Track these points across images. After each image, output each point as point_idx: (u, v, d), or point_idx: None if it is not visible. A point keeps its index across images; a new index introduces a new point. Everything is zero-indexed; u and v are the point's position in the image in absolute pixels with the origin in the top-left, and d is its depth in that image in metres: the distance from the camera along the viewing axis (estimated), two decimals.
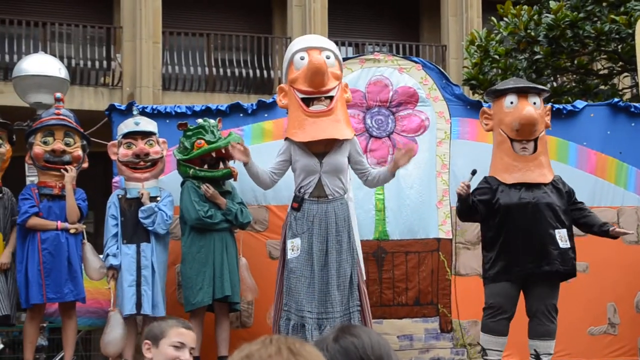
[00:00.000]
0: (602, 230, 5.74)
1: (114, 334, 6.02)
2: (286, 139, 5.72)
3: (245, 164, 5.63)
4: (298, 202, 5.51)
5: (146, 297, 6.06)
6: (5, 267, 6.07)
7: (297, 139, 5.50)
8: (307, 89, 5.49)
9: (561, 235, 5.58)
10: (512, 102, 5.77)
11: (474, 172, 5.61)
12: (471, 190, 5.64)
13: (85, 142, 6.34)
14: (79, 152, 6.26)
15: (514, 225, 5.54)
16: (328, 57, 5.62)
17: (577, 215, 5.77)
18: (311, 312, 5.35)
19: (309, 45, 5.65)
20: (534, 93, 5.85)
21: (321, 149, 5.49)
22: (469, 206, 5.59)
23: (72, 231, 6.08)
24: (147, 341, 3.34)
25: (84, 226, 6.21)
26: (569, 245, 5.61)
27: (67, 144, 6.22)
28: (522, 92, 5.81)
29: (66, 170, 6.13)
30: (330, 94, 5.54)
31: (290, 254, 5.46)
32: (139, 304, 6.04)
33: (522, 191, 5.62)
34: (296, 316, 5.39)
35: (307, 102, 5.53)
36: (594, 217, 5.82)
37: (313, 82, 5.48)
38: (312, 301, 5.37)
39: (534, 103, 5.77)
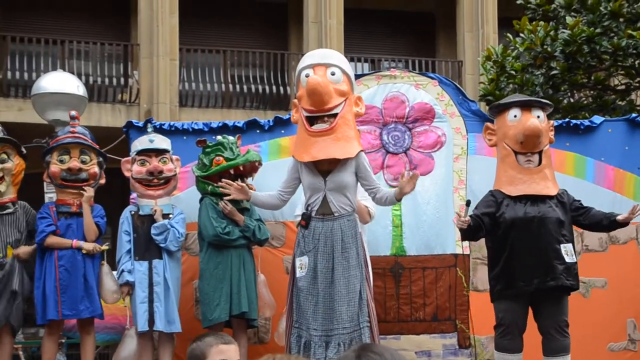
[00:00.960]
0: (611, 222, 5.67)
1: (127, 351, 6.06)
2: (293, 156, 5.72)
3: (247, 200, 5.72)
4: (306, 219, 5.49)
5: (159, 313, 6.06)
6: (23, 256, 6.10)
7: (299, 159, 5.51)
8: (309, 107, 5.44)
9: (567, 250, 5.53)
10: (515, 116, 5.74)
11: (468, 203, 5.56)
12: (473, 207, 5.62)
13: (101, 159, 6.36)
14: (95, 169, 6.29)
15: (518, 239, 5.51)
16: (333, 74, 5.50)
17: (580, 219, 5.71)
18: (316, 329, 5.33)
19: (315, 62, 5.56)
20: (537, 107, 5.83)
21: (325, 166, 5.46)
22: (471, 231, 5.54)
23: (83, 251, 6.09)
24: None
25: (103, 247, 6.20)
26: (574, 260, 5.57)
27: (83, 162, 6.24)
28: (525, 106, 5.79)
29: (84, 190, 6.17)
30: (334, 111, 5.44)
31: (298, 272, 5.44)
32: (151, 321, 6.06)
33: (527, 205, 5.58)
34: (307, 333, 5.37)
35: (312, 120, 5.48)
36: (597, 213, 5.73)
37: (312, 102, 5.46)
38: (317, 319, 5.35)
39: (538, 117, 5.74)
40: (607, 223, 5.70)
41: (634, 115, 7.37)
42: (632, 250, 6.83)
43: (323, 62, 5.54)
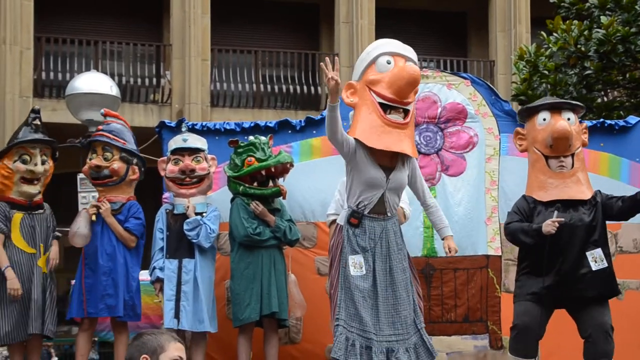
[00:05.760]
0: (637, 199, 5.46)
1: None
2: (355, 139, 5.17)
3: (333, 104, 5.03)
4: (358, 218, 5.16)
5: (185, 312, 6.08)
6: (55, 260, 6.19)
7: (370, 144, 5.11)
8: (390, 95, 5.12)
9: (595, 256, 5.38)
10: (544, 119, 5.60)
11: (558, 208, 5.38)
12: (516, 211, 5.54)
13: (124, 154, 6.31)
14: (116, 165, 6.27)
15: (546, 246, 5.33)
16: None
17: (612, 210, 5.51)
18: (377, 334, 5.05)
19: (397, 51, 5.27)
20: (567, 109, 5.67)
21: (387, 162, 5.20)
22: (539, 240, 5.34)
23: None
24: (145, 355, 3.30)
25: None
26: (605, 265, 5.40)
27: (105, 159, 6.30)
28: (555, 108, 5.63)
29: (98, 207, 6.22)
30: (409, 107, 5.24)
31: (353, 271, 5.11)
32: (177, 319, 6.08)
33: (559, 212, 5.40)
34: (361, 337, 5.04)
35: (384, 108, 5.17)
36: (623, 199, 5.53)
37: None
38: (376, 323, 5.07)
39: (568, 119, 5.58)
40: (634, 202, 5.48)
41: None
42: None
43: (405, 54, 5.28)
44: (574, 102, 6.01)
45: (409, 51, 5.34)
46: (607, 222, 5.59)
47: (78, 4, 14.86)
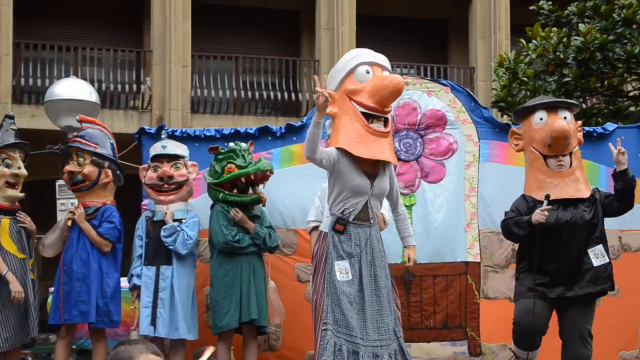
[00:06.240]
0: (615, 179, 5.55)
1: None
2: (338, 149, 5.23)
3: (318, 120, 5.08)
4: (343, 224, 5.20)
5: (161, 319, 6.07)
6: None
7: (357, 153, 5.16)
8: (373, 105, 5.19)
9: (596, 253, 5.44)
10: (541, 119, 5.61)
11: (547, 197, 5.39)
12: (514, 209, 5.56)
13: (94, 158, 6.25)
14: (86, 169, 6.23)
15: (547, 244, 5.38)
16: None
17: (612, 207, 5.57)
18: (363, 339, 5.09)
19: (374, 61, 5.35)
20: (563, 107, 5.69)
21: (370, 169, 5.26)
22: (531, 230, 5.39)
23: None
24: None
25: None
26: (607, 260, 5.47)
27: (78, 164, 6.28)
28: (551, 108, 5.65)
29: (73, 213, 6.21)
30: (388, 115, 5.33)
31: (339, 276, 5.15)
32: (154, 325, 6.06)
33: (559, 210, 5.46)
34: (348, 342, 5.07)
35: (367, 117, 5.23)
36: (617, 191, 5.60)
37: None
38: (363, 328, 5.12)
39: (565, 118, 5.61)
40: (616, 183, 5.56)
41: None
42: None
43: (382, 63, 5.36)
44: (569, 100, 6.04)
45: (385, 60, 5.43)
46: None
47: (57, 9, 14.79)
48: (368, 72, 5.27)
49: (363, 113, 5.21)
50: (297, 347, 6.53)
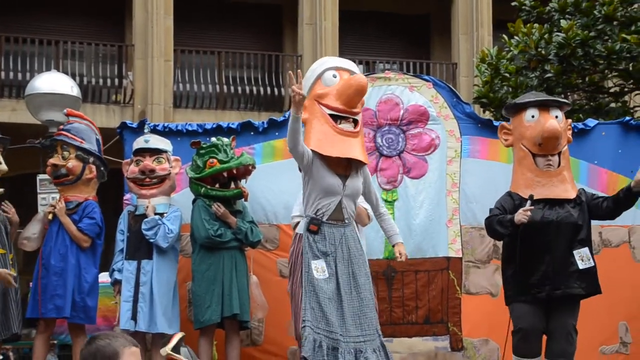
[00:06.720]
0: (625, 194, 5.51)
1: None
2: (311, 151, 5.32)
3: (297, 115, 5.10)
4: (317, 224, 5.24)
5: (142, 313, 6.07)
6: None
7: (325, 152, 5.23)
8: (339, 106, 5.27)
9: (582, 255, 5.44)
10: (533, 116, 5.59)
11: (531, 197, 5.39)
12: (498, 206, 5.56)
13: (79, 153, 6.24)
14: (71, 163, 6.22)
15: (533, 244, 5.39)
16: None
17: (598, 210, 5.57)
18: (343, 335, 5.10)
19: (341, 66, 5.47)
20: (555, 106, 5.68)
21: (341, 170, 5.31)
22: (514, 229, 5.39)
23: None
24: None
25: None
26: (592, 264, 5.47)
27: (63, 158, 6.26)
28: (543, 106, 5.64)
29: (54, 206, 6.18)
30: (357, 117, 5.39)
31: (317, 275, 5.18)
32: (135, 320, 6.05)
33: (545, 209, 5.46)
34: (327, 338, 5.08)
35: (335, 119, 5.31)
36: (607, 199, 5.61)
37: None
38: (343, 324, 5.13)
39: (556, 117, 5.61)
40: (622, 196, 5.54)
41: (627, 118, 7.39)
42: (625, 253, 6.85)
43: (349, 68, 5.46)
44: (561, 99, 6.04)
45: (352, 65, 5.54)
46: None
47: (39, 3, 14.68)
48: (335, 77, 5.37)
49: (331, 115, 5.29)
50: (280, 341, 6.54)
